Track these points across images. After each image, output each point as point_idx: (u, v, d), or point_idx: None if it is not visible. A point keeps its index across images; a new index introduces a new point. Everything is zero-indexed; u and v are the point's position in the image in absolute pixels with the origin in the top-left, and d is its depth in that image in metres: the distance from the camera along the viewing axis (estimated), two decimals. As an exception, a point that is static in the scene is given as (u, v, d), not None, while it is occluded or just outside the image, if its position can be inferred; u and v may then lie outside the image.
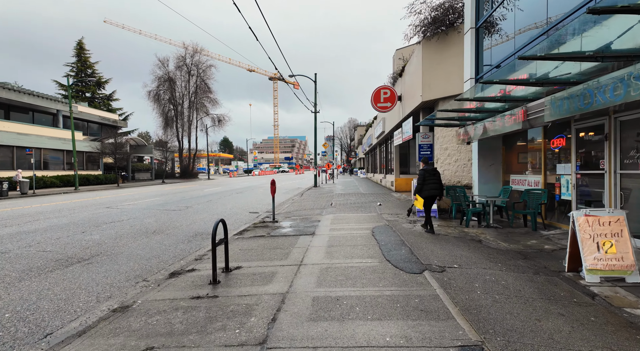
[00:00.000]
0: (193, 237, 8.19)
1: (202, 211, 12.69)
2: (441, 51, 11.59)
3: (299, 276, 4.74)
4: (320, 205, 13.76)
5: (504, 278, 4.47)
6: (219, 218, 4.94)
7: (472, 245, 6.36)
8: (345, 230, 8.15)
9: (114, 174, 34.11)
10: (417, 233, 7.64)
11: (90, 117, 38.31)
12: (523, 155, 9.67)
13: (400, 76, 16.36)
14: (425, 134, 13.46)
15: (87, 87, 51.61)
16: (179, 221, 10.43)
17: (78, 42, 51.51)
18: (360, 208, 12.42)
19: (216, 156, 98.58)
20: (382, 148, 28.86)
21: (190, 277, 5.00)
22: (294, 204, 14.76)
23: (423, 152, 13.52)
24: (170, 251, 6.92)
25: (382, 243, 6.61)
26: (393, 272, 4.75)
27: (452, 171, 11.38)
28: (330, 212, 11.56)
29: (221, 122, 55.26)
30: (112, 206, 13.91)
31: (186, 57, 51.76)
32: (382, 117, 23.63)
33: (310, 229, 8.47)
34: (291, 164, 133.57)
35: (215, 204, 14.67)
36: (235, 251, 6.45)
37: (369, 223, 9.03)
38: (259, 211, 13.05)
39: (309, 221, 9.75)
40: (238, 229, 8.88)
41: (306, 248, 6.44)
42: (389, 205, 13.19)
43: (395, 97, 16.19)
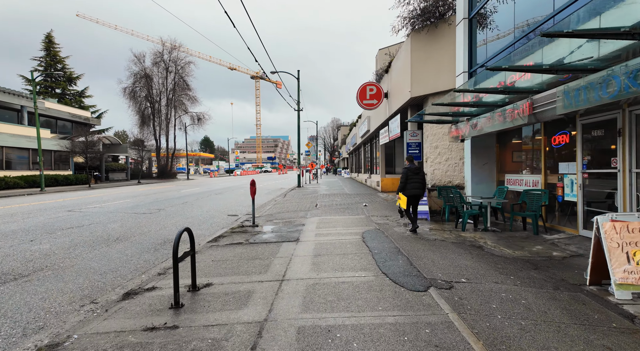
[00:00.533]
0: (161, 245, 7.24)
1: (175, 214, 11.67)
2: (431, 44, 11.01)
3: (281, 297, 3.94)
4: (305, 207, 12.97)
5: (522, 295, 3.82)
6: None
7: (474, 253, 5.72)
8: (333, 235, 7.39)
9: (86, 175, 32.25)
10: (412, 238, 6.96)
11: (60, 114, 36.13)
12: (518, 153, 9.18)
13: (387, 72, 15.76)
14: (413, 132, 12.88)
15: (57, 83, 49.00)
16: (148, 226, 9.42)
17: (47, 35, 48.86)
18: (347, 210, 11.70)
19: (196, 155, 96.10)
20: (367, 148, 28.32)
21: (148, 298, 4.12)
22: (277, 205, 13.91)
23: (411, 151, 12.93)
24: (131, 262, 5.98)
25: (375, 250, 5.89)
26: (393, 289, 4.01)
27: (443, 170, 10.82)
28: (315, 214, 10.79)
29: (201, 120, 53.64)
30: (74, 209, 12.66)
31: (164, 53, 49.88)
32: (367, 115, 23.05)
33: (293, 234, 7.67)
34: (274, 164, 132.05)
35: (190, 207, 13.65)
36: (207, 262, 5.59)
37: (358, 227, 8.31)
38: (238, 213, 12.14)
39: (292, 225, 8.94)
40: (213, 236, 7.98)
41: (289, 258, 5.65)
42: (376, 206, 12.53)
43: (382, 94, 15.58)
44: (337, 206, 12.97)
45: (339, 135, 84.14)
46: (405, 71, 11.89)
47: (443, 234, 7.29)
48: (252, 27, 13.23)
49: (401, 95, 12.85)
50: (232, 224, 9.81)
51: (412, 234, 7.29)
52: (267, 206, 13.82)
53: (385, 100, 16.03)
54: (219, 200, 16.32)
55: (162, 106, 50.38)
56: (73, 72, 50.27)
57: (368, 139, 26.52)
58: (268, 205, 14.32)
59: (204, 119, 53.67)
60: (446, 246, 6.17)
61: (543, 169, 7.56)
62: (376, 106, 15.73)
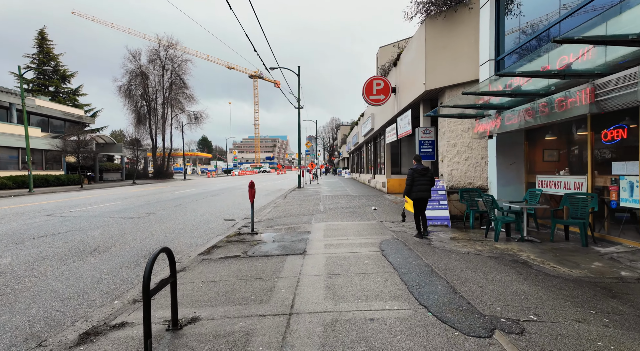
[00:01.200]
0: (144, 258, 6.17)
1: (166, 218, 10.58)
2: (448, 32, 9.98)
3: (291, 343, 2.89)
4: (308, 210, 11.91)
5: (626, 345, 2.77)
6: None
7: (523, 272, 4.67)
8: (345, 246, 6.34)
9: (77, 175, 31.07)
10: (441, 250, 5.92)
11: (52, 112, 34.93)
12: (550, 152, 8.15)
13: (395, 65, 14.72)
14: (426, 129, 11.83)
15: (50, 81, 47.81)
16: (133, 233, 8.34)
17: (40, 31, 47.65)
18: (355, 214, 10.65)
19: (194, 155, 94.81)
20: (370, 147, 27.29)
21: (112, 342, 3.06)
22: (277, 208, 12.85)
23: (424, 150, 11.89)
24: (105, 282, 4.91)
25: (401, 269, 4.84)
26: (443, 334, 2.96)
27: (462, 171, 9.79)
28: (320, 219, 9.73)
29: (198, 119, 52.58)
30: (55, 213, 11.55)
31: (160, 51, 48.77)
32: (370, 113, 22.01)
33: (299, 245, 6.61)
34: (272, 164, 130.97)
35: (184, 210, 12.56)
36: (196, 284, 4.53)
37: (372, 236, 7.25)
38: (236, 217, 11.08)
39: (296, 233, 7.88)
40: (206, 245, 6.92)
41: (297, 279, 4.59)
42: (386, 210, 11.49)
43: (390, 89, 14.53)
44: (343, 209, 11.92)
45: (338, 135, 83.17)
46: (419, 61, 10.84)
47: (475, 246, 6.24)
48: (247, 20, 12.25)
49: (413, 88, 11.81)
50: (229, 230, 8.75)
51: (419, 240, 6.81)
52: (267, 209, 12.76)
53: (393, 95, 14.99)
54: (215, 202, 15.24)
55: (159, 104, 49.28)
56: (67, 70, 49.08)
57: (371, 138, 25.48)
58: (268, 208, 13.26)
59: (201, 118, 52.60)
60: (485, 263, 5.13)
61: (590, 170, 6.53)
62: (383, 101, 14.68)
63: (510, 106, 6.91)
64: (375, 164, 24.87)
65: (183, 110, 51.57)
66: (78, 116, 39.14)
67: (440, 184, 8.77)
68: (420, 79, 10.78)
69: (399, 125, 14.36)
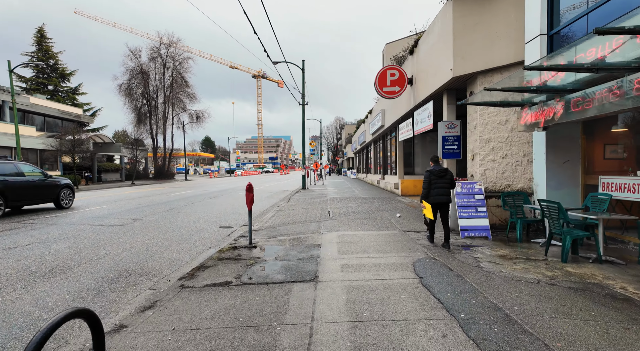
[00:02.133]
0: (112, 281, 4.76)
1: (152, 226, 9.18)
2: (480, 8, 8.50)
3: None
4: (315, 215, 10.46)
5: None
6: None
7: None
8: (369, 269, 4.88)
9: (73, 175, 29.83)
10: (498, 276, 4.43)
11: (48, 111, 33.77)
12: (613, 147, 6.66)
13: (412, 53, 13.23)
14: (451, 124, 10.34)
15: (49, 79, 46.79)
16: (108, 246, 6.94)
17: (38, 29, 46.64)
18: (370, 221, 9.18)
19: (196, 155, 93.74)
20: (379, 146, 25.79)
21: None
22: (280, 213, 11.42)
23: (448, 147, 10.40)
24: (37, 326, 3.49)
25: (459, 313, 3.36)
26: None
27: (499, 171, 8.30)
28: (331, 228, 8.27)
29: (200, 118, 51.32)
30: (26, 220, 10.17)
31: (161, 49, 47.58)
32: (380, 109, 20.53)
33: (308, 265, 5.16)
34: (276, 164, 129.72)
35: (176, 215, 11.16)
36: (164, 335, 3.09)
37: (400, 252, 5.79)
38: (233, 224, 9.67)
39: (303, 246, 6.43)
40: (192, 264, 5.50)
41: (309, 329, 3.14)
42: (405, 216, 10.00)
43: (406, 79, 13.05)
44: (356, 214, 10.45)
45: (342, 134, 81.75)
46: (444, 44, 9.36)
47: (539, 270, 4.74)
48: (251, 15, 10.96)
49: (435, 77, 10.33)
50: (223, 241, 7.34)
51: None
52: (269, 214, 11.33)
53: (409, 87, 13.51)
54: (212, 206, 13.83)
55: (159, 103, 48.15)
56: (66, 68, 48.02)
57: (380, 136, 23.99)
58: (270, 212, 11.83)
59: (202, 117, 51.35)
60: (573, 300, 3.64)
61: (688, 169, 5.03)
62: (398, 93, 13.20)
63: (576, 88, 5.42)
64: (385, 164, 23.38)
65: (184, 109, 50.37)
66: (76, 115, 37.99)
67: (477, 187, 7.28)
68: (445, 65, 9.30)
69: (417, 120, 12.86)
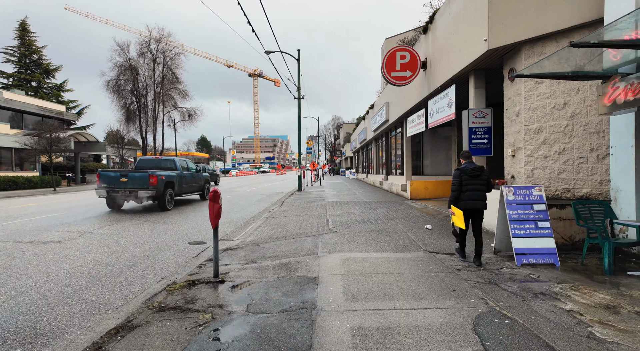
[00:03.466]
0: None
1: (101, 242, 7.09)
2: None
3: None
4: (311, 226, 8.41)
5: None
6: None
7: None
8: (403, 340, 2.84)
9: (50, 176, 27.53)
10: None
11: (25, 107, 31.48)
12: None
13: (425, 31, 11.20)
14: (479, 112, 8.33)
15: (32, 75, 44.46)
16: (14, 277, 4.85)
17: (21, 22, 44.32)
18: (382, 234, 7.14)
19: (190, 155, 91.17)
20: (381, 143, 23.76)
21: None
22: (270, 222, 9.35)
23: (476, 141, 8.39)
24: None
25: None
26: None
27: (553, 170, 6.29)
28: (331, 246, 6.21)
29: (192, 116, 49.07)
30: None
31: (151, 43, 45.31)
32: (383, 102, 18.50)
33: (298, 332, 3.07)
34: (272, 164, 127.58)
35: (138, 226, 9.07)
36: None
37: (444, 298, 3.73)
38: (208, 238, 7.61)
39: (292, 282, 4.36)
40: (110, 323, 3.42)
41: None
42: (420, 226, 7.96)
43: (418, 63, 11.02)
44: (361, 224, 8.40)
45: (340, 134, 79.80)
46: (475, 9, 7.33)
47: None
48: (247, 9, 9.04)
49: (459, 55, 8.31)
50: (185, 267, 5.29)
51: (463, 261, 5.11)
52: (255, 223, 9.27)
53: (422, 73, 11.48)
54: (190, 212, 11.73)
55: (149, 100, 45.90)
56: (50, 63, 45.76)
57: (384, 133, 21.96)
58: (257, 220, 9.77)
59: (195, 115, 49.09)
60: None
61: None
62: (410, 79, 11.17)
63: None
64: (389, 164, 21.35)
65: (176, 106, 48.16)
66: (57, 112, 35.68)
67: (535, 193, 5.22)
68: (476, 37, 7.28)
69: (432, 110, 10.82)
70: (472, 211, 5.06)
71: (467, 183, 5.03)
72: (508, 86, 7.24)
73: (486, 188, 5.05)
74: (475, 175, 5.02)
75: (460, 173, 5.09)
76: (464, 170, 5.08)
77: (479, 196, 5.00)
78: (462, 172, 5.08)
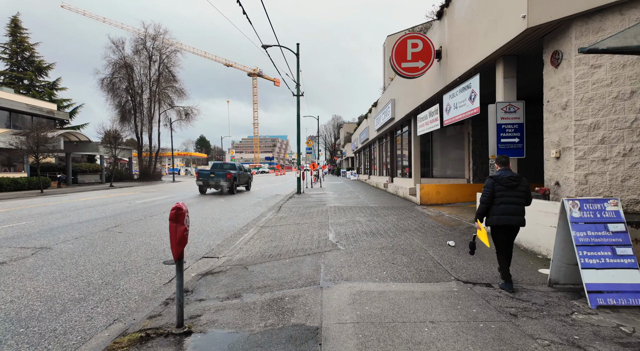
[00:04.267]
0: None
1: (54, 263, 5.81)
2: None
3: None
4: (311, 239, 7.13)
5: None
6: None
7: None
8: None
9: (40, 177, 26.25)
10: None
11: (13, 104, 30.20)
12: None
13: (440, 17, 9.93)
14: (509, 106, 7.06)
15: (24, 73, 43.21)
16: None
17: (12, 19, 43.11)
18: (398, 253, 5.86)
19: (187, 155, 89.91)
20: (385, 143, 22.49)
21: None
22: (263, 232, 8.08)
23: (506, 140, 7.13)
24: None
25: None
26: None
27: (615, 176, 5.03)
28: (337, 271, 4.92)
29: (189, 115, 47.84)
30: None
31: (146, 40, 44.05)
32: (389, 99, 17.24)
33: None
34: (272, 164, 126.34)
35: (112, 239, 7.79)
36: None
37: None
38: (188, 255, 6.36)
39: (284, 340, 3.07)
40: None
41: None
42: (439, 241, 6.68)
43: (432, 51, 9.76)
44: (370, 238, 7.11)
45: (340, 134, 78.56)
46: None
47: None
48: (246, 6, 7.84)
49: (486, 39, 7.05)
50: (148, 302, 4.05)
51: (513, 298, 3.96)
52: (247, 234, 7.99)
53: (437, 63, 10.22)
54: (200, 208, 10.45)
55: (145, 99, 44.65)
56: (42, 61, 44.47)
57: (388, 132, 20.69)
58: (249, 231, 8.49)
59: (192, 114, 47.86)
60: None
61: None
62: (422, 70, 9.91)
63: None
64: (394, 165, 20.09)
65: (172, 105, 46.93)
66: (48, 111, 34.37)
67: (609, 208, 3.92)
68: (510, 15, 6.01)
69: (449, 105, 9.54)
70: (507, 228, 4.25)
71: (501, 195, 4.24)
72: (550, 73, 5.96)
73: (525, 200, 4.24)
74: (512, 185, 4.21)
75: (493, 182, 4.31)
76: (498, 179, 4.29)
77: (515, 210, 4.18)
78: (495, 181, 4.30)
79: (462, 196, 12.34)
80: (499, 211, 4.19)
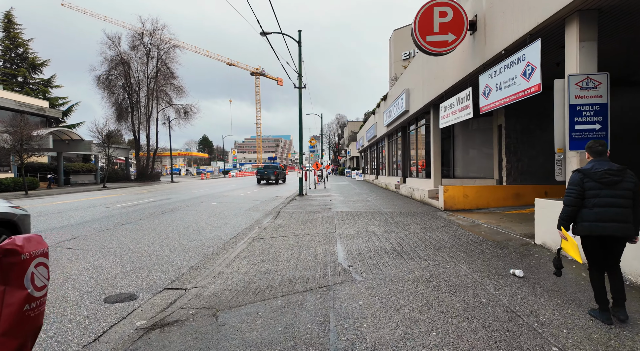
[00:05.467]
0: None
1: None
2: None
3: None
4: (314, 261, 5.22)
5: None
6: None
7: None
8: None
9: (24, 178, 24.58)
10: None
11: (0, 101, 28.61)
12: None
13: (475, -21, 8.02)
14: (587, 79, 5.14)
15: (18, 70, 41.77)
16: None
17: (6, 14, 41.77)
18: (442, 291, 3.96)
19: (189, 155, 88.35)
20: (396, 140, 20.55)
21: None
22: (253, 248, 6.19)
23: (582, 126, 5.22)
24: None
25: None
26: None
27: None
28: (357, 327, 2.98)
29: (188, 114, 46.13)
30: None
31: (144, 36, 42.36)
32: (402, 90, 15.31)
33: None
34: (275, 164, 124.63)
35: (55, 258, 5.97)
36: None
37: None
38: (143, 289, 4.52)
39: None
40: None
41: None
42: (494, 264, 4.77)
43: (465, 22, 7.85)
44: (393, 259, 5.21)
45: (345, 133, 76.66)
46: None
47: None
48: None
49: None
50: None
51: None
52: (233, 251, 6.12)
53: (470, 37, 8.31)
54: (151, 231, 8.59)
55: (142, 97, 42.97)
56: (37, 57, 43.05)
57: (399, 128, 18.75)
58: (237, 246, 6.62)
59: (191, 113, 46.19)
60: None
61: None
62: (453, 45, 8.00)
63: None
64: (406, 164, 18.16)
65: (170, 103, 45.23)
66: (39, 108, 32.79)
67: None
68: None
69: (489, 86, 7.60)
70: (606, 238, 3.15)
71: (595, 194, 3.14)
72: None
73: (633, 202, 3.09)
74: (611, 181, 3.08)
75: (582, 178, 3.21)
76: (590, 173, 3.17)
77: (616, 215, 3.06)
78: (585, 176, 3.20)
79: (494, 200, 10.39)
80: (593, 216, 3.11)
